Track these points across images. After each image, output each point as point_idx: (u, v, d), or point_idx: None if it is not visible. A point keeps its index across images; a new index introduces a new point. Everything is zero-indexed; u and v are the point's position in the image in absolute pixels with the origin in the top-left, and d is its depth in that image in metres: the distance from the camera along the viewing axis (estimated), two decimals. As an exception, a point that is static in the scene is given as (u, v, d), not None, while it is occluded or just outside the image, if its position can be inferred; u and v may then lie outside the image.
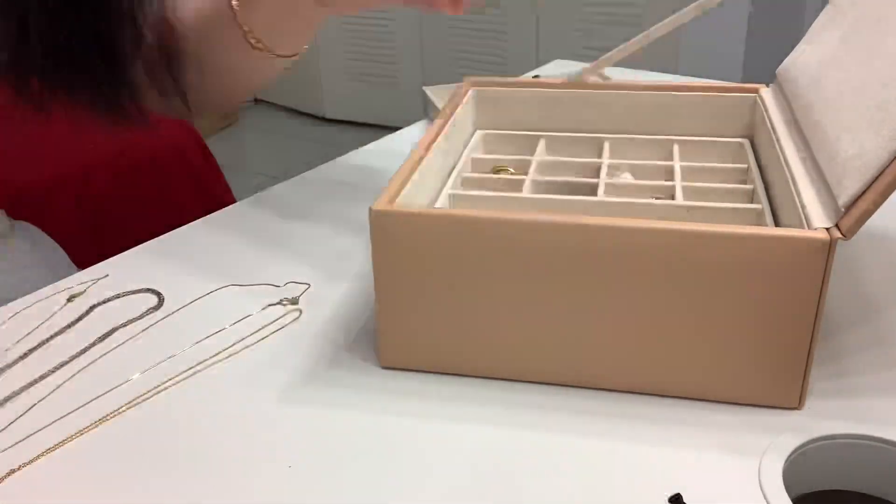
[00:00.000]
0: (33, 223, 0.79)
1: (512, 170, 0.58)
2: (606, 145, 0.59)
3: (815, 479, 0.42)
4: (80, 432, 0.44)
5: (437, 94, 0.87)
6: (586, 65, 0.63)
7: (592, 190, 0.53)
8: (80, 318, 0.54)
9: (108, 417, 0.45)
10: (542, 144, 0.60)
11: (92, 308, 0.55)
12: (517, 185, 0.54)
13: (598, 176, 0.55)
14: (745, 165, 0.56)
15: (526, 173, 0.56)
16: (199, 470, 0.41)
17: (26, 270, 0.66)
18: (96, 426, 0.44)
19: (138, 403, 0.46)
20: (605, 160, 0.57)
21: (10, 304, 0.55)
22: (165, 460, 0.42)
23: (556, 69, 1.03)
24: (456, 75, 2.38)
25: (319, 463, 0.41)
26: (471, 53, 2.68)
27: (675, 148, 0.58)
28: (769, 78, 0.60)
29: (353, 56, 2.93)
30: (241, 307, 0.54)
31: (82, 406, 0.45)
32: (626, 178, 0.57)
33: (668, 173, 0.56)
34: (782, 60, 0.58)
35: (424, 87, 0.89)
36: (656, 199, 0.52)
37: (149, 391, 0.47)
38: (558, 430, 0.43)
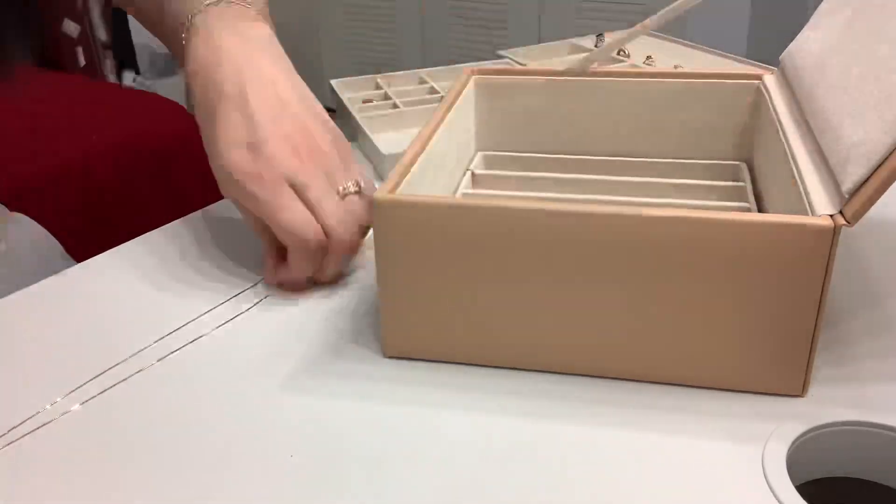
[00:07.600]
0: (35, 215, 0.79)
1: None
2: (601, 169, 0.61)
3: (819, 467, 0.42)
4: (85, 403, 0.44)
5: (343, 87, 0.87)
6: (588, 53, 0.62)
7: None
8: (81, 309, 0.54)
9: (111, 407, 0.45)
10: (541, 166, 0.60)
11: (93, 298, 0.55)
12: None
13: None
14: (742, 184, 0.56)
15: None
16: (202, 458, 0.41)
17: (21, 261, 0.66)
18: (96, 410, 0.44)
19: (141, 394, 0.46)
20: (604, 177, 0.59)
21: (11, 296, 0.55)
22: (168, 448, 0.42)
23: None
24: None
25: (322, 452, 0.41)
26: (472, 43, 2.67)
27: (670, 170, 0.59)
28: (772, 64, 0.59)
29: (354, 46, 2.92)
30: (244, 296, 0.54)
31: (79, 388, 0.46)
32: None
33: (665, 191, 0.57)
34: (786, 46, 0.57)
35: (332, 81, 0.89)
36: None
37: (152, 380, 0.47)
38: (562, 418, 0.43)
